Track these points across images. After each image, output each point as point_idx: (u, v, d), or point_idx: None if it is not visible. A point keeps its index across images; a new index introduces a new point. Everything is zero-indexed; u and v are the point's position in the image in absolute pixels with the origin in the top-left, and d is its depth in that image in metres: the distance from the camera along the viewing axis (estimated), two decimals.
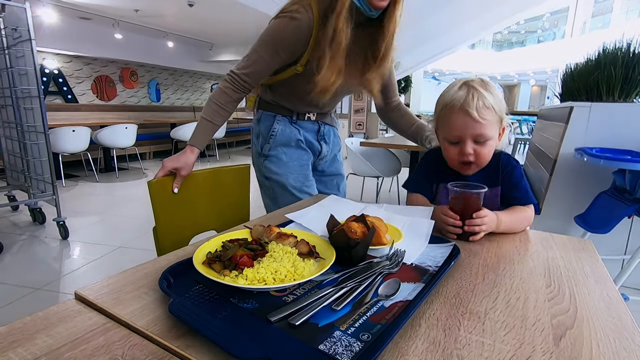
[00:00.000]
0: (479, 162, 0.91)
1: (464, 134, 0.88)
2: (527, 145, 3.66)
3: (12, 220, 3.03)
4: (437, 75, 22.37)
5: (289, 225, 0.82)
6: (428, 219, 0.81)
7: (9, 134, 2.90)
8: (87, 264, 2.26)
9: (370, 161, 3.10)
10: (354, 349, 0.40)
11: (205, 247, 0.61)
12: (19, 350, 0.40)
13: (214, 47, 6.98)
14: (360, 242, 0.61)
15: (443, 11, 6.87)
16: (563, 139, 1.95)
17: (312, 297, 0.50)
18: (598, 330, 0.47)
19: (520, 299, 0.54)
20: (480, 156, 0.90)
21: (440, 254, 0.67)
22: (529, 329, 0.47)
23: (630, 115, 1.86)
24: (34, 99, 2.50)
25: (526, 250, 0.75)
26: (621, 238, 1.96)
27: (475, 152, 0.89)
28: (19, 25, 2.44)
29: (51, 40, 5.11)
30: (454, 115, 0.88)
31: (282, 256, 0.57)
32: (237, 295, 0.51)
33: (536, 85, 21.92)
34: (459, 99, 0.87)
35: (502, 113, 0.90)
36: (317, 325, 0.45)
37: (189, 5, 4.52)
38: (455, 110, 0.88)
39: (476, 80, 0.90)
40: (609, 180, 1.79)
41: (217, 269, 0.54)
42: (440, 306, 0.51)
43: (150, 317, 0.46)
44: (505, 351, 0.42)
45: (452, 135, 0.91)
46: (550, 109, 2.59)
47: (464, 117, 0.86)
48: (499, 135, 0.92)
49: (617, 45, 2.01)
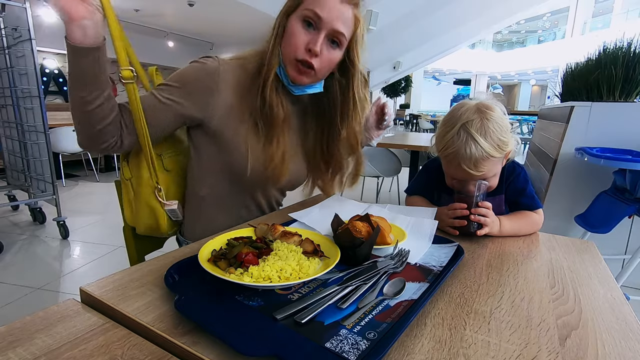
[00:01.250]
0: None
1: (466, 179, 0.85)
2: (528, 145, 3.66)
3: (12, 220, 3.03)
4: (437, 75, 22.40)
5: (293, 224, 0.82)
6: (432, 220, 0.81)
7: (9, 133, 2.90)
8: (87, 263, 2.26)
9: (370, 161, 3.10)
10: (360, 347, 0.40)
11: (210, 244, 0.61)
12: (19, 350, 0.40)
13: (214, 46, 6.99)
14: (365, 241, 0.61)
15: (443, 11, 6.88)
16: (563, 138, 1.96)
17: (317, 295, 0.50)
18: (603, 331, 0.47)
19: (525, 299, 0.54)
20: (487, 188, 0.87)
21: (444, 254, 0.67)
22: (534, 329, 0.47)
23: (630, 115, 1.86)
24: (34, 99, 2.50)
25: (529, 251, 0.75)
26: (621, 238, 1.97)
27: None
28: (19, 25, 2.44)
29: (51, 40, 5.10)
30: (453, 167, 0.86)
31: (287, 254, 0.57)
32: (243, 293, 0.51)
33: (536, 85, 21.94)
34: (457, 151, 0.83)
35: (505, 145, 0.84)
36: (323, 323, 0.45)
37: (189, 5, 4.53)
38: (454, 163, 0.85)
39: (475, 119, 0.83)
40: (609, 180, 1.79)
41: (223, 266, 0.54)
42: (445, 305, 0.52)
43: (156, 314, 0.46)
44: (511, 351, 0.42)
45: (452, 175, 0.89)
46: (550, 108, 2.59)
47: (463, 170, 0.84)
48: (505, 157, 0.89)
49: (617, 45, 2.02)
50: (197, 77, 0.80)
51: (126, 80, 0.71)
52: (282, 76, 0.82)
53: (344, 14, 0.77)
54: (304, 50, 0.77)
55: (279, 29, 0.80)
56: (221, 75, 0.80)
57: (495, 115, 0.85)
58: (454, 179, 0.88)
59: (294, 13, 0.78)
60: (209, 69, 0.80)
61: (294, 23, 0.78)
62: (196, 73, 0.80)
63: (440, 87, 24.77)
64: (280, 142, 0.84)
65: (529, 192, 0.92)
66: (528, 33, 21.32)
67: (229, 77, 0.81)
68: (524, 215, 0.89)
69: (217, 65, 0.80)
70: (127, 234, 0.99)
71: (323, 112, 0.91)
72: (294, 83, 0.82)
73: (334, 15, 0.76)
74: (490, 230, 0.80)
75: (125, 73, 0.71)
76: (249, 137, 0.83)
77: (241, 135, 0.83)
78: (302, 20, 0.77)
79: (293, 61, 0.79)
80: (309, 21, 0.77)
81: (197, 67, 0.81)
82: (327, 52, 0.79)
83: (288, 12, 0.79)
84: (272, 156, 0.84)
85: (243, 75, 0.83)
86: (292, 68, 0.80)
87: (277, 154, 0.84)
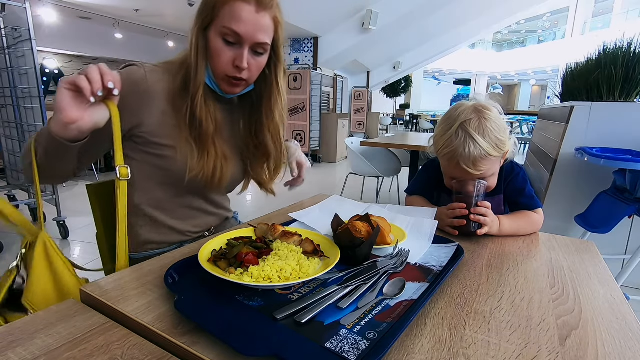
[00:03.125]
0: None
1: (465, 179, 0.86)
2: (528, 145, 3.66)
3: None
4: (437, 75, 22.40)
5: (293, 224, 0.82)
6: (432, 220, 0.81)
7: (9, 133, 2.90)
8: (87, 263, 2.26)
9: (370, 161, 3.10)
10: (360, 347, 0.40)
11: (210, 244, 0.61)
12: (19, 350, 0.40)
13: None
14: (364, 241, 0.61)
15: (443, 11, 6.88)
16: (563, 138, 1.96)
17: (317, 295, 0.50)
18: (603, 331, 0.47)
19: (525, 299, 0.54)
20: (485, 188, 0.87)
21: (444, 254, 0.67)
22: (535, 329, 0.47)
23: (630, 115, 1.86)
24: (34, 99, 2.50)
25: (529, 252, 0.75)
26: (622, 238, 1.97)
27: None
28: (19, 25, 2.44)
29: (51, 40, 5.11)
30: (452, 166, 0.87)
31: (287, 254, 0.57)
32: (243, 293, 0.51)
33: (536, 85, 21.95)
34: (456, 150, 0.84)
35: (503, 144, 0.86)
36: (323, 323, 0.45)
37: (189, 5, 4.53)
38: (453, 162, 0.86)
39: (473, 119, 0.84)
40: (609, 180, 1.79)
41: (223, 266, 0.54)
42: (445, 305, 0.52)
43: (156, 314, 0.46)
44: (511, 351, 0.42)
45: (451, 175, 0.90)
46: (550, 108, 2.59)
47: (461, 170, 0.85)
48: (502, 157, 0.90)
49: (617, 45, 2.02)
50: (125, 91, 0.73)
51: (122, 178, 0.68)
52: (215, 88, 0.82)
53: (262, 24, 0.75)
54: (232, 67, 0.77)
55: (199, 44, 0.77)
56: (149, 82, 0.77)
57: (492, 115, 0.86)
58: (452, 179, 0.88)
59: (211, 28, 0.76)
60: (135, 78, 0.76)
61: (215, 40, 0.76)
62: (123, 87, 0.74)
63: (440, 87, 24.77)
64: (212, 153, 0.82)
65: (528, 191, 0.92)
66: (528, 33, 21.32)
67: (157, 83, 0.79)
68: (524, 215, 0.89)
69: (143, 72, 0.77)
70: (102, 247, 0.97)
71: (251, 103, 0.91)
72: (227, 94, 0.83)
73: (253, 30, 0.74)
74: (489, 230, 0.80)
75: (123, 171, 0.68)
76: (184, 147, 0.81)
77: (176, 142, 0.80)
78: (221, 37, 0.75)
79: (224, 77, 0.79)
80: (228, 39, 0.75)
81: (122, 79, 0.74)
82: (255, 62, 0.79)
83: (204, 27, 0.76)
84: (208, 167, 0.82)
85: (171, 81, 0.80)
86: (224, 83, 0.80)
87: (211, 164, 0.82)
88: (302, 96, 5.99)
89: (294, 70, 6.00)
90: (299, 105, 6.05)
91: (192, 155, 0.80)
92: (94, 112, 0.64)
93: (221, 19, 0.74)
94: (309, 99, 5.97)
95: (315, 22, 5.94)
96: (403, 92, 14.76)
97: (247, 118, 0.92)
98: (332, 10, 5.75)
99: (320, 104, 6.39)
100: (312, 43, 6.61)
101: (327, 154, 6.64)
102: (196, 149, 0.81)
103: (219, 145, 0.84)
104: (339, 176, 5.40)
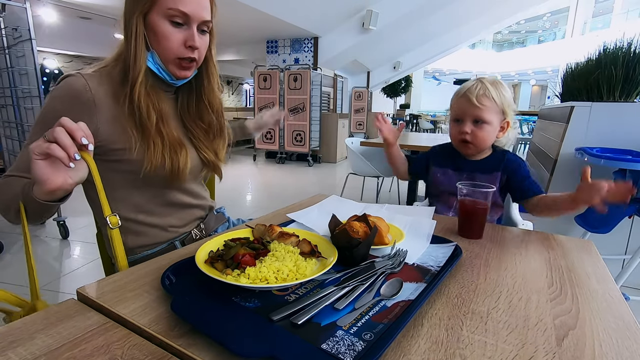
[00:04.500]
0: (475, 142, 1.04)
1: (464, 113, 1.04)
2: (528, 145, 3.66)
3: None
4: (437, 75, 22.38)
5: (291, 224, 0.82)
6: (429, 219, 0.81)
7: (9, 133, 2.90)
8: (87, 263, 2.26)
9: (370, 161, 3.10)
10: (356, 348, 0.40)
11: (207, 245, 0.61)
12: (19, 349, 0.40)
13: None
14: (362, 242, 0.60)
15: (444, 10, 6.87)
16: (563, 138, 1.95)
17: (314, 296, 0.50)
18: (600, 330, 0.47)
19: (523, 299, 0.54)
20: (477, 137, 1.03)
21: (442, 254, 0.67)
22: (532, 329, 0.47)
23: (631, 115, 1.86)
24: (34, 99, 2.50)
25: (527, 251, 0.75)
26: (622, 238, 1.96)
27: (472, 133, 1.03)
28: (19, 25, 2.44)
29: (51, 40, 5.11)
30: (458, 99, 1.06)
31: (284, 255, 0.57)
32: (240, 294, 0.51)
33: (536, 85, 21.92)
34: (466, 87, 1.05)
35: (505, 107, 1.03)
36: (320, 324, 0.45)
37: None
38: (460, 95, 1.06)
39: (490, 78, 1.05)
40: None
41: (220, 267, 0.54)
42: (443, 306, 0.51)
43: (152, 316, 0.46)
44: (508, 351, 0.42)
45: (454, 114, 1.08)
46: (550, 108, 2.59)
47: (465, 101, 1.03)
48: (501, 128, 1.05)
49: (617, 45, 2.01)
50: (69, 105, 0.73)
51: (113, 227, 0.69)
52: (163, 75, 0.81)
53: (204, 3, 0.79)
54: (184, 47, 0.78)
55: (138, 31, 0.76)
56: (93, 90, 0.75)
57: (506, 87, 1.05)
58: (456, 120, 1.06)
59: (153, 13, 0.76)
60: (76, 89, 0.74)
61: (160, 23, 0.76)
62: (64, 102, 0.74)
63: (440, 87, 24.75)
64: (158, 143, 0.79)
65: (534, 179, 1.03)
66: (528, 33, 21.31)
67: (99, 87, 0.76)
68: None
69: (83, 81, 0.74)
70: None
71: (189, 87, 0.90)
72: (178, 79, 0.83)
73: (198, 8, 0.77)
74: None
75: (113, 220, 0.69)
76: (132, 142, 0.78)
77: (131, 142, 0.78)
78: (168, 19, 0.76)
79: (175, 60, 0.79)
80: (176, 20, 0.76)
81: (62, 94, 0.74)
82: (202, 40, 0.81)
83: (143, 12, 0.76)
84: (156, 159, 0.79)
85: (112, 83, 0.79)
86: (175, 66, 0.80)
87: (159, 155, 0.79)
88: (302, 96, 5.99)
89: (294, 70, 5.99)
90: (299, 105, 6.05)
91: (141, 149, 0.78)
92: (75, 170, 0.61)
93: (163, 1, 0.75)
94: (309, 99, 5.97)
95: (315, 22, 5.94)
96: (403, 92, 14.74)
97: (190, 102, 0.91)
98: (332, 10, 5.74)
99: (320, 104, 6.39)
100: (312, 43, 6.60)
101: (327, 154, 6.64)
102: (140, 140, 0.78)
103: (166, 135, 0.81)
104: (339, 176, 5.40)
